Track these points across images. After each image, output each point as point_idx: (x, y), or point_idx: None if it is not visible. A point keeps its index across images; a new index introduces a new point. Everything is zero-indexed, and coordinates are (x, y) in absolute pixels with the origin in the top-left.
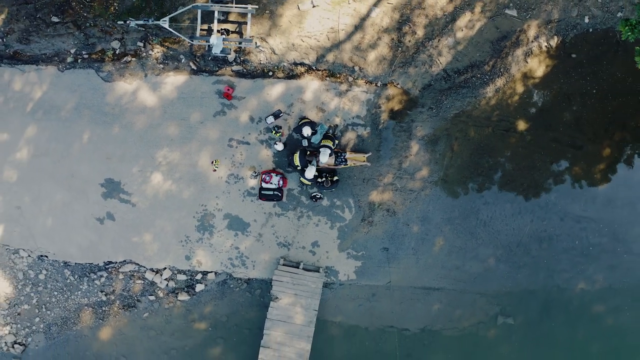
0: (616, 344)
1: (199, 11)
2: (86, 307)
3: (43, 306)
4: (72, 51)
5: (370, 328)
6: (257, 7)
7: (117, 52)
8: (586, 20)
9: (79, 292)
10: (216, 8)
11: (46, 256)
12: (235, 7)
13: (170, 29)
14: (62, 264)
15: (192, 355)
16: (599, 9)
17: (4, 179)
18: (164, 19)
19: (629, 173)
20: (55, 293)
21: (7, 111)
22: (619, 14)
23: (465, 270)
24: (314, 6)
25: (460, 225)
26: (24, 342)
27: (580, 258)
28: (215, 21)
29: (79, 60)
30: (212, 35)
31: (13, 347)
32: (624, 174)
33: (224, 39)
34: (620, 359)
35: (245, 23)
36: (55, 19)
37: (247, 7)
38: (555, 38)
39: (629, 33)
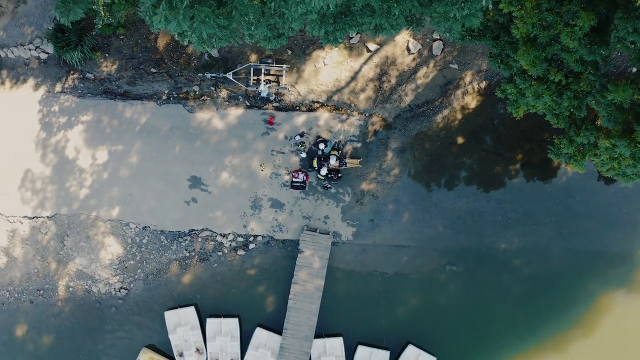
0: (529, 286)
1: (252, 68)
2: (174, 261)
3: (144, 261)
4: (166, 92)
5: (361, 272)
6: (289, 66)
7: (197, 93)
8: None
9: (170, 251)
10: (263, 66)
11: (149, 227)
12: (275, 66)
13: (233, 79)
14: (159, 232)
15: (246, 292)
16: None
17: (120, 176)
18: (228, 72)
19: (534, 170)
20: (153, 252)
21: (122, 131)
22: None
23: (423, 234)
24: (325, 65)
25: (419, 205)
26: (127, 287)
27: (502, 227)
28: (262, 75)
29: (171, 98)
30: (260, 84)
31: (119, 291)
32: (531, 171)
33: (268, 87)
34: (532, 297)
35: (281, 76)
36: (153, 70)
37: (282, 67)
38: (484, 82)
39: (501, 95)
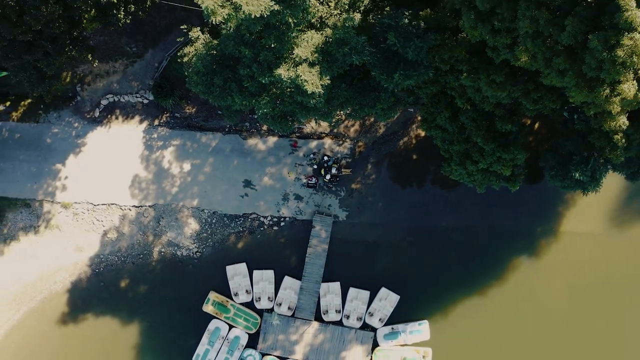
0: (462, 252)
1: None
2: (232, 234)
3: (212, 234)
4: (228, 126)
5: (352, 240)
6: None
7: (248, 127)
8: None
9: (230, 227)
10: None
11: (217, 212)
12: None
13: None
14: (223, 215)
15: (279, 253)
16: None
17: (199, 179)
18: None
19: None
20: (219, 228)
21: (199, 151)
22: None
23: (391, 216)
24: None
25: (389, 198)
26: (201, 251)
27: (444, 212)
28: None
29: (231, 130)
30: None
31: (195, 254)
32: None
33: None
34: (465, 259)
35: None
36: (219, 112)
37: None
38: None
39: (429, 135)
